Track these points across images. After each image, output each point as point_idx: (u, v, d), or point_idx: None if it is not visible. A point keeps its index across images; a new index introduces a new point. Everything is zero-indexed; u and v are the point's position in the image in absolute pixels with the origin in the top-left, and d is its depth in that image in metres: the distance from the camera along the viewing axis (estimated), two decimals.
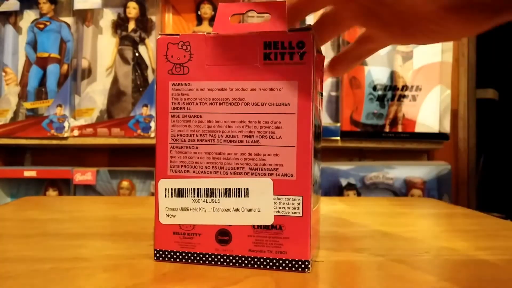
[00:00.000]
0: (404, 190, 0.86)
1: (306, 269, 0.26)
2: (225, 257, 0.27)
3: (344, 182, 0.86)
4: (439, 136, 0.86)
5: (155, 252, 0.28)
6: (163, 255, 0.28)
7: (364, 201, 0.61)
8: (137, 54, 0.89)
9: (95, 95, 0.88)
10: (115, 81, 0.89)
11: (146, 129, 0.86)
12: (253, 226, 0.27)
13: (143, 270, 0.26)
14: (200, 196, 0.28)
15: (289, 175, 0.26)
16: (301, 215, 0.26)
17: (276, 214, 0.27)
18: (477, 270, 0.27)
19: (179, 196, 0.28)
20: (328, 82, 0.88)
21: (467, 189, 0.95)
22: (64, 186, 0.90)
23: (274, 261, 0.26)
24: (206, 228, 0.27)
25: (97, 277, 0.25)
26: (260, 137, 0.27)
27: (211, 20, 0.90)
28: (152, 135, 0.86)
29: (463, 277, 0.26)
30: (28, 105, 0.89)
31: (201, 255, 0.27)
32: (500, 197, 1.11)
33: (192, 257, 0.28)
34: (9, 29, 0.91)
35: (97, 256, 0.29)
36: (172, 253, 0.28)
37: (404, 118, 0.86)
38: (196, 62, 0.28)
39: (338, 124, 0.86)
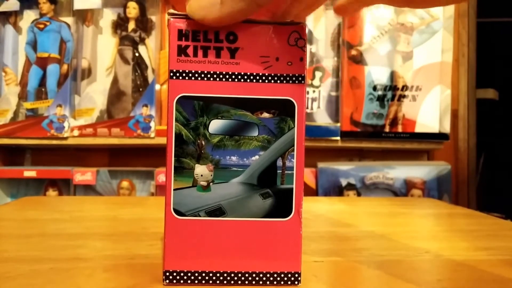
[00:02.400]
0: (404, 190, 0.86)
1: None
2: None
3: (344, 182, 0.86)
4: (439, 136, 0.86)
5: None
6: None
7: (364, 201, 0.61)
8: (137, 54, 0.89)
9: (95, 95, 0.88)
10: (115, 81, 0.89)
11: (146, 129, 0.86)
12: None
13: (143, 270, 0.26)
14: None
15: None
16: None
17: None
18: (477, 270, 0.27)
19: None
20: (328, 82, 0.88)
21: (467, 189, 0.95)
22: (64, 186, 0.90)
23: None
24: None
25: (97, 277, 0.25)
26: None
27: None
28: (152, 135, 0.86)
29: (463, 277, 0.26)
30: (28, 105, 0.89)
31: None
32: (500, 197, 1.11)
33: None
34: (9, 29, 0.91)
35: (97, 256, 0.29)
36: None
37: (404, 118, 0.86)
38: None
39: (338, 124, 0.86)
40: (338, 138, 0.86)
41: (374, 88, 0.86)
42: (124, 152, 0.95)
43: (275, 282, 0.24)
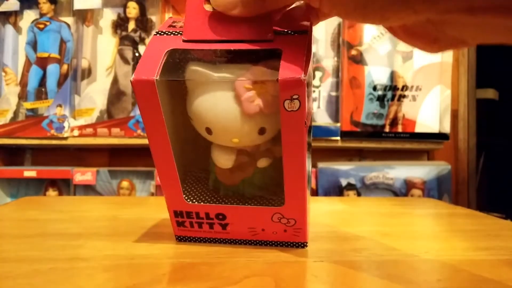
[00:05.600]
0: (404, 190, 0.86)
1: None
2: None
3: (344, 182, 0.86)
4: (439, 136, 0.86)
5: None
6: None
7: (364, 201, 0.61)
8: (137, 54, 0.89)
9: (95, 95, 0.88)
10: (115, 81, 0.89)
11: None
12: None
13: (143, 270, 0.26)
14: None
15: None
16: None
17: None
18: (477, 270, 0.27)
19: None
20: (328, 82, 0.88)
21: (467, 189, 0.95)
22: (64, 186, 0.90)
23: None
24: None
25: (97, 277, 0.25)
26: None
27: None
28: None
29: (463, 277, 0.26)
30: (28, 105, 0.89)
31: None
32: (500, 197, 1.11)
33: None
34: (9, 29, 0.91)
35: (97, 256, 0.29)
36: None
37: (404, 118, 0.86)
38: None
39: (338, 124, 0.86)
40: (338, 138, 0.86)
41: (374, 88, 0.86)
42: (124, 152, 0.95)
43: None
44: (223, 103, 0.26)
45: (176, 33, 0.27)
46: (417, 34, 0.22)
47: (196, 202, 0.30)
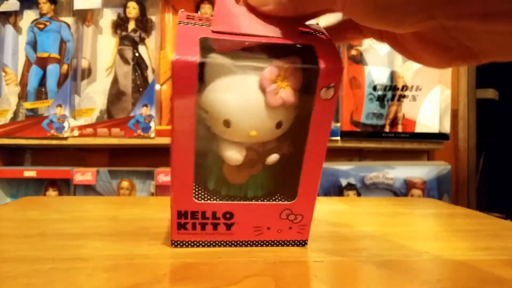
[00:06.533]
0: (404, 190, 0.86)
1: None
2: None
3: (344, 182, 0.86)
4: (439, 136, 0.86)
5: None
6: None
7: (364, 201, 0.61)
8: (137, 54, 0.89)
9: (95, 95, 0.88)
10: (115, 81, 0.89)
11: (146, 129, 0.86)
12: None
13: (143, 270, 0.26)
14: None
15: None
16: None
17: None
18: (477, 270, 0.27)
19: None
20: None
21: (467, 189, 0.95)
22: (64, 186, 0.90)
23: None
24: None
25: (97, 277, 0.25)
26: None
27: None
28: (152, 135, 0.86)
29: (463, 277, 0.26)
30: (28, 105, 0.89)
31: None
32: (500, 197, 1.11)
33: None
34: (9, 29, 0.91)
35: (97, 256, 0.29)
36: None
37: (404, 118, 0.86)
38: None
39: (338, 124, 0.86)
40: (338, 138, 0.86)
41: (374, 88, 0.86)
42: (124, 152, 0.95)
43: None
44: (246, 94, 0.26)
45: (199, 25, 0.27)
46: (429, 41, 0.22)
47: (205, 201, 0.30)
